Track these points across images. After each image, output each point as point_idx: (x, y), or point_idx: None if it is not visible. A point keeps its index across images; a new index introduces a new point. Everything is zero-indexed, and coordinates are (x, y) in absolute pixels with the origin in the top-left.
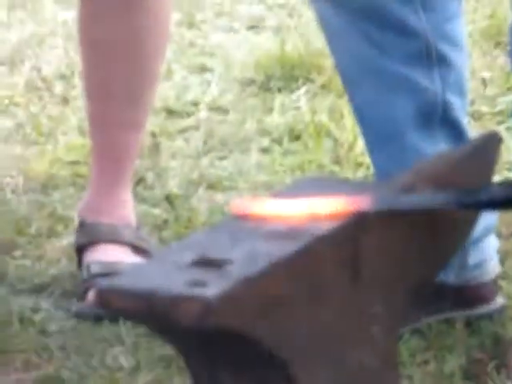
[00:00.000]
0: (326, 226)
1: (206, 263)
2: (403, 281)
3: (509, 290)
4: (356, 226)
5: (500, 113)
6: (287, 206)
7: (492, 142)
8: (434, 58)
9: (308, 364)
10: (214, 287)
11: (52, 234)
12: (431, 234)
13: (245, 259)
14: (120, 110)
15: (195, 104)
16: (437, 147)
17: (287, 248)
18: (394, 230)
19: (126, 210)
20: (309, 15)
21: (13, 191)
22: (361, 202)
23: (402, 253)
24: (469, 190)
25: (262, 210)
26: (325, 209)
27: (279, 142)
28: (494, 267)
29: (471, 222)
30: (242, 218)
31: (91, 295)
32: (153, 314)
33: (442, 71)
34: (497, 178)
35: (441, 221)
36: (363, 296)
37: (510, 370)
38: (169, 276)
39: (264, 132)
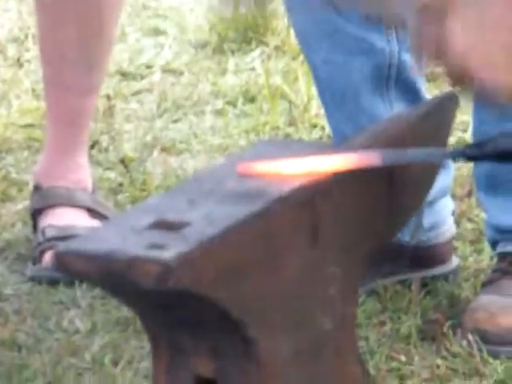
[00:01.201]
0: (283, 188)
1: (163, 226)
2: (361, 243)
3: (464, 251)
4: (314, 189)
5: None
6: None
7: (448, 103)
8: None
9: (266, 326)
10: (171, 250)
11: (6, 198)
12: (389, 197)
13: (203, 221)
14: (75, 73)
15: (149, 66)
16: (392, 108)
17: (245, 210)
18: (352, 194)
19: (82, 173)
20: None
21: None
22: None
23: (360, 215)
24: (474, 143)
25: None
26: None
27: (234, 104)
28: (449, 228)
29: (428, 184)
30: (199, 177)
31: (47, 259)
32: (110, 276)
33: (398, 33)
34: (451, 139)
35: (398, 183)
36: (321, 258)
37: (465, 330)
38: (126, 239)
39: (218, 94)
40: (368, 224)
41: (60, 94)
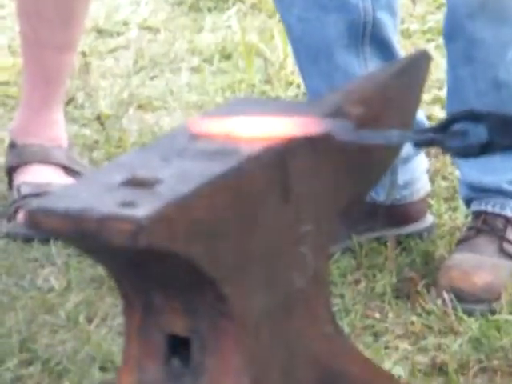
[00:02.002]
0: (255, 147)
1: (136, 183)
2: (334, 200)
3: (439, 209)
4: (285, 148)
5: (430, 31)
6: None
7: (421, 60)
8: None
9: (240, 283)
10: (144, 207)
11: None
12: (361, 154)
13: (175, 179)
14: (52, 30)
15: (125, 23)
16: (367, 66)
17: (218, 168)
18: (323, 152)
19: (58, 131)
20: None
21: None
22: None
23: (332, 174)
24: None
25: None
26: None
27: (210, 61)
28: (423, 186)
29: None
30: (172, 135)
31: (21, 216)
32: (83, 234)
33: None
34: (426, 97)
35: None
36: (294, 216)
37: (440, 288)
38: (99, 196)
39: (195, 51)
40: (340, 182)
41: (36, 51)
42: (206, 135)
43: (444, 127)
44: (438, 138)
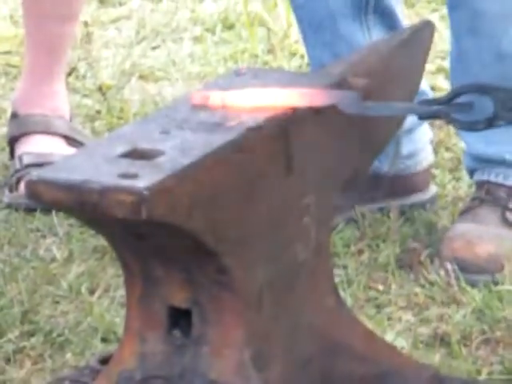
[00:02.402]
0: (257, 118)
1: (136, 155)
2: (336, 172)
3: (442, 179)
4: (288, 119)
5: (434, 0)
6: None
7: (425, 31)
8: None
9: (241, 255)
10: (145, 179)
11: None
12: (364, 125)
13: (176, 151)
14: (53, 0)
15: None
16: (371, 36)
17: (219, 139)
18: (326, 123)
19: (60, 101)
20: None
21: None
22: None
23: (335, 145)
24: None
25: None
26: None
27: (212, 31)
28: (427, 156)
29: None
30: (174, 107)
31: (23, 186)
32: (83, 205)
33: None
34: (430, 67)
35: None
36: (296, 187)
37: (443, 259)
38: (99, 168)
39: (197, 21)
40: (343, 153)
41: (39, 21)
42: (208, 106)
43: (449, 99)
44: (443, 110)
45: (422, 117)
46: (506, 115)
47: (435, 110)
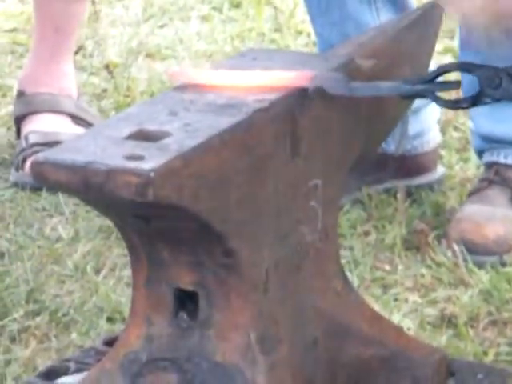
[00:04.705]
0: (264, 100)
1: (143, 136)
2: (343, 154)
3: (449, 160)
4: (295, 101)
5: None
6: (227, 77)
7: (434, 12)
8: None
9: (248, 238)
10: (151, 161)
11: None
12: (372, 107)
13: (183, 132)
14: None
15: None
16: (379, 16)
17: (226, 121)
18: (331, 105)
19: (67, 80)
20: None
21: None
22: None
23: (342, 126)
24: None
25: (202, 80)
26: (265, 81)
27: (219, 9)
28: (434, 137)
29: None
30: (181, 88)
31: (29, 165)
32: (89, 187)
33: None
34: (438, 47)
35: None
36: (303, 170)
37: (450, 240)
38: (105, 149)
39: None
40: (350, 135)
41: (46, 0)
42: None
43: (434, 78)
44: (428, 88)
45: (407, 96)
46: (492, 93)
47: (420, 89)
